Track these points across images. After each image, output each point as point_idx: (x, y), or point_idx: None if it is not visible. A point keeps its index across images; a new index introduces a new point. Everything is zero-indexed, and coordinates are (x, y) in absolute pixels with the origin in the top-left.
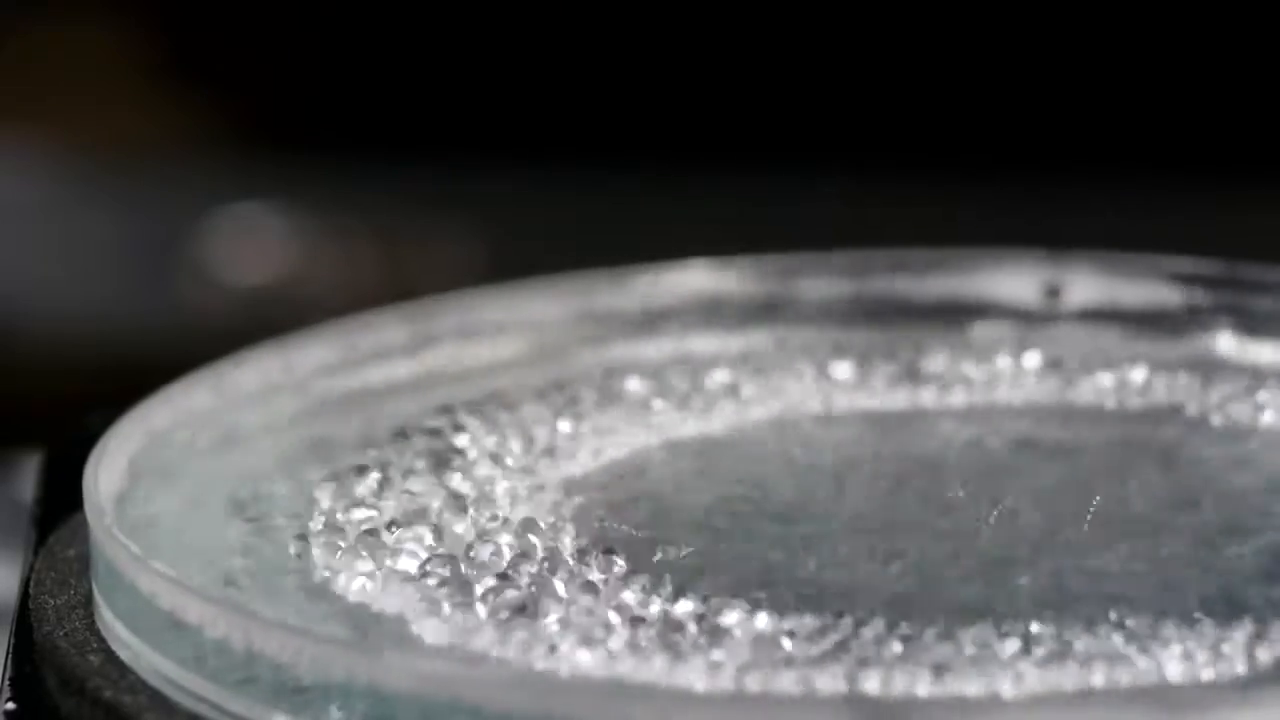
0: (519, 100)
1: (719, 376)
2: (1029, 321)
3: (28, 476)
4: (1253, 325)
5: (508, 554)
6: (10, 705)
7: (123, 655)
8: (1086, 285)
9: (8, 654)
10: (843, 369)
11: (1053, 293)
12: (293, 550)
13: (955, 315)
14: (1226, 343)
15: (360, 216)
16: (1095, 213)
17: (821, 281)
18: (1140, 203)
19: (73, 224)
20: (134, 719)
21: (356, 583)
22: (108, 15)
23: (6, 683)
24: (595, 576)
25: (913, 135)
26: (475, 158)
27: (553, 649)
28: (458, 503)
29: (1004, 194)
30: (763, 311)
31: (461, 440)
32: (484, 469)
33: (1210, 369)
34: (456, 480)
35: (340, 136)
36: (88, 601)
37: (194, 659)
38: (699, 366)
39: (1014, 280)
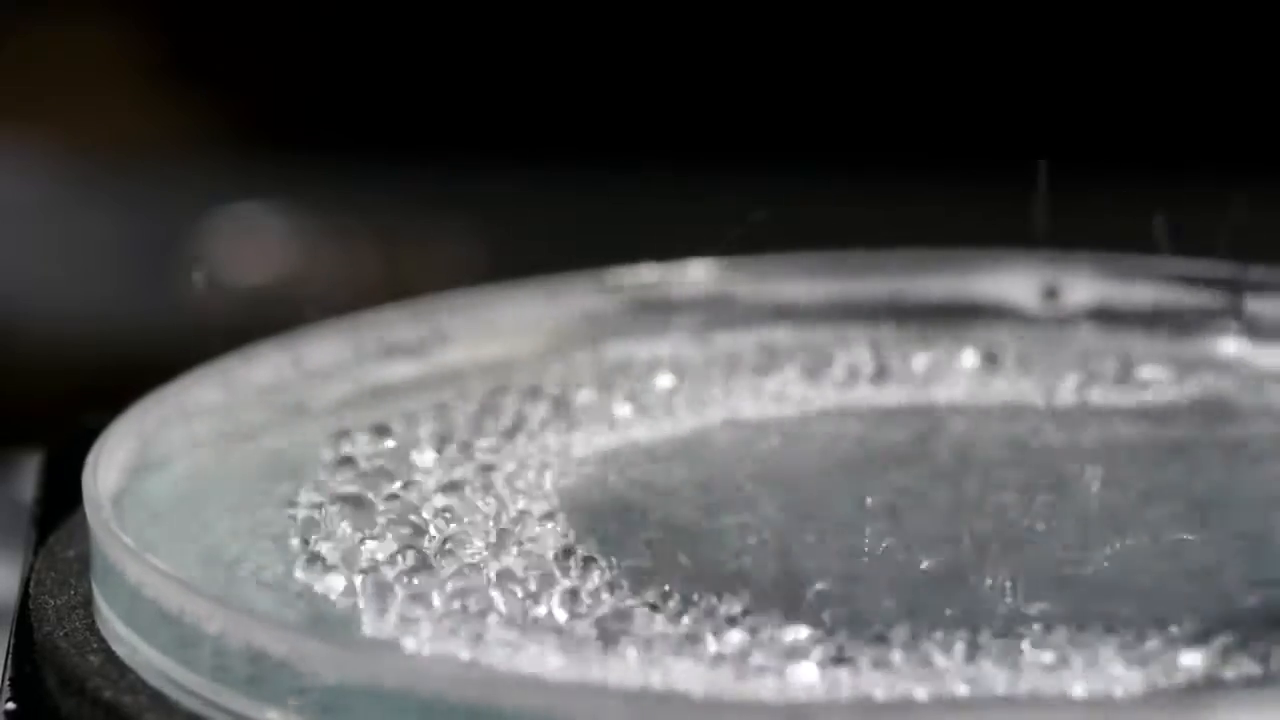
0: (519, 100)
1: (717, 376)
2: (1027, 322)
3: (28, 476)
4: (1255, 327)
5: (495, 550)
6: (10, 705)
7: (121, 653)
8: (1085, 286)
9: (8, 654)
10: (841, 369)
11: (1051, 294)
12: (286, 547)
13: (953, 316)
14: (1227, 344)
15: (360, 216)
16: (1094, 213)
17: (821, 282)
18: (1140, 203)
19: (73, 224)
20: (134, 719)
21: (344, 579)
22: (108, 15)
23: (6, 683)
24: (575, 574)
25: (913, 135)
26: (475, 158)
27: (514, 645)
28: (451, 499)
29: (1003, 194)
30: (762, 311)
31: (456, 438)
32: (478, 467)
33: (1212, 370)
34: (450, 478)
35: (340, 136)
36: (88, 601)
37: (193, 656)
38: (697, 366)
39: (1012, 281)
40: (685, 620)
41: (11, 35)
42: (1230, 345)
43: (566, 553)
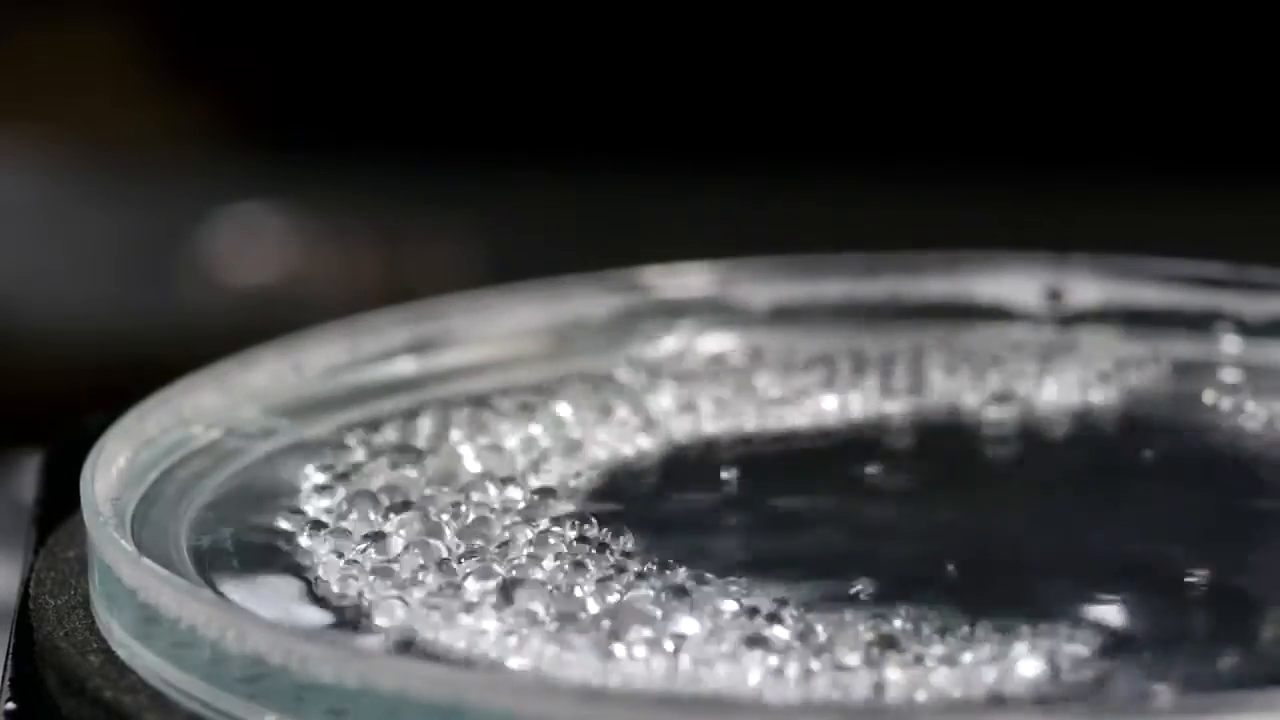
0: (519, 100)
1: (716, 378)
2: (1030, 325)
3: (28, 476)
4: (1255, 327)
5: (493, 549)
6: (10, 705)
7: (121, 654)
8: (1088, 288)
9: (8, 654)
10: (843, 372)
11: (1054, 296)
12: (284, 545)
13: (956, 318)
14: (1228, 344)
15: (360, 216)
16: (1096, 215)
17: (822, 284)
18: (1141, 204)
19: (73, 224)
20: (134, 719)
21: (348, 580)
22: (108, 15)
23: (7, 683)
24: (590, 574)
25: (913, 137)
26: (475, 158)
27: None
28: (450, 499)
29: (1004, 196)
30: (761, 314)
31: (458, 439)
32: (477, 467)
33: (1213, 370)
34: (449, 477)
35: (340, 136)
36: (88, 602)
37: (191, 659)
38: (698, 368)
39: (1015, 283)
40: (719, 618)
41: (11, 35)
42: (1229, 345)
43: (579, 548)
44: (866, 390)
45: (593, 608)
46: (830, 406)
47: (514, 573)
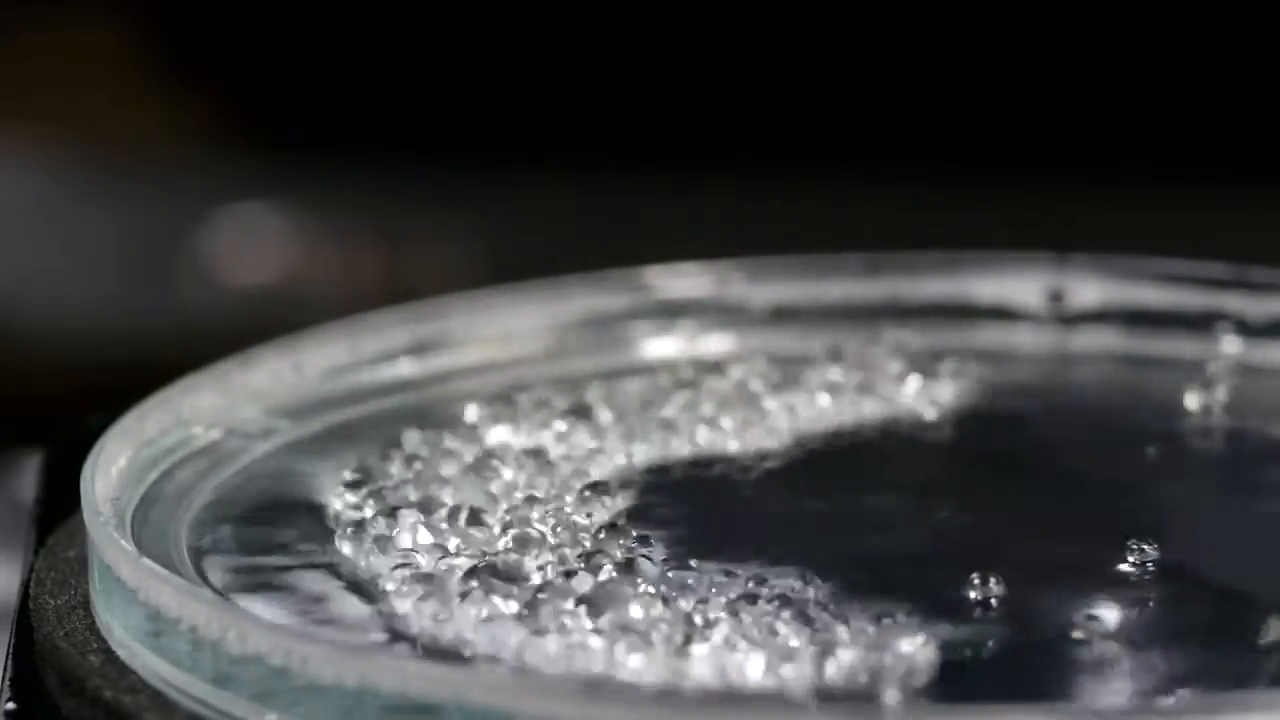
0: (520, 100)
1: (715, 378)
2: (1031, 325)
3: (28, 476)
4: (1255, 327)
5: (495, 548)
6: (10, 705)
7: (121, 655)
8: (1088, 288)
9: (8, 654)
10: (844, 372)
11: (1056, 297)
12: (284, 545)
13: (958, 319)
14: (1228, 344)
15: (360, 216)
16: (1096, 215)
17: (822, 284)
18: (1141, 204)
19: (73, 224)
20: (134, 719)
21: (348, 579)
22: (108, 15)
23: (7, 683)
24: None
25: (913, 137)
26: (475, 158)
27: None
28: (451, 499)
29: (1004, 196)
30: (761, 314)
31: (456, 439)
32: (478, 466)
33: (1212, 370)
34: (450, 477)
35: (340, 136)
36: (88, 602)
37: (189, 659)
38: (697, 368)
39: (1015, 283)
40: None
41: (11, 35)
42: (1228, 345)
43: (577, 547)
44: (866, 390)
45: (589, 606)
46: (831, 408)
47: (513, 569)
